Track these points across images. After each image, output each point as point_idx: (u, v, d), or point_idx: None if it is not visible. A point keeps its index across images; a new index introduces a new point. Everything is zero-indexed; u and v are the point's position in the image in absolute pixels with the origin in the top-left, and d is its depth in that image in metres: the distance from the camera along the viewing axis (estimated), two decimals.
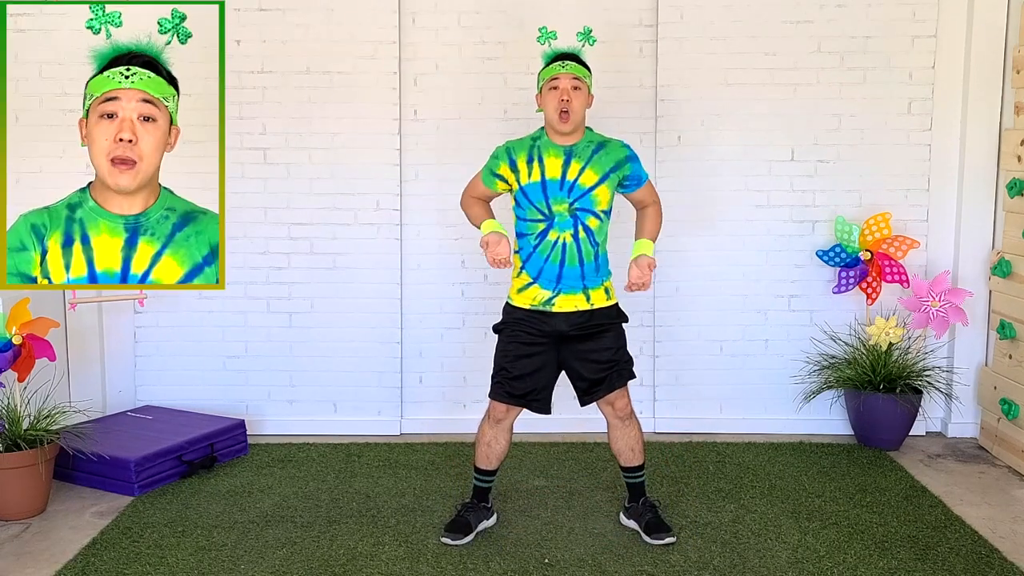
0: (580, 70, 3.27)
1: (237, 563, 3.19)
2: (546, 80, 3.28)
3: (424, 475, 4.04)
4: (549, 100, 3.25)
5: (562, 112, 3.21)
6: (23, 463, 3.52)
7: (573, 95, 3.22)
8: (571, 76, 3.24)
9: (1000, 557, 3.23)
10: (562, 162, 3.25)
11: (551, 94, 3.25)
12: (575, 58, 3.30)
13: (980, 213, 4.48)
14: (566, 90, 3.22)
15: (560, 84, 3.23)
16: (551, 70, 3.27)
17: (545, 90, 3.28)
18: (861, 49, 4.48)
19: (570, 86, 3.23)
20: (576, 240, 3.26)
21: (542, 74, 3.32)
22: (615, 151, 3.32)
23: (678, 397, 4.65)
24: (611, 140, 3.37)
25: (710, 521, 3.53)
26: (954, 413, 4.57)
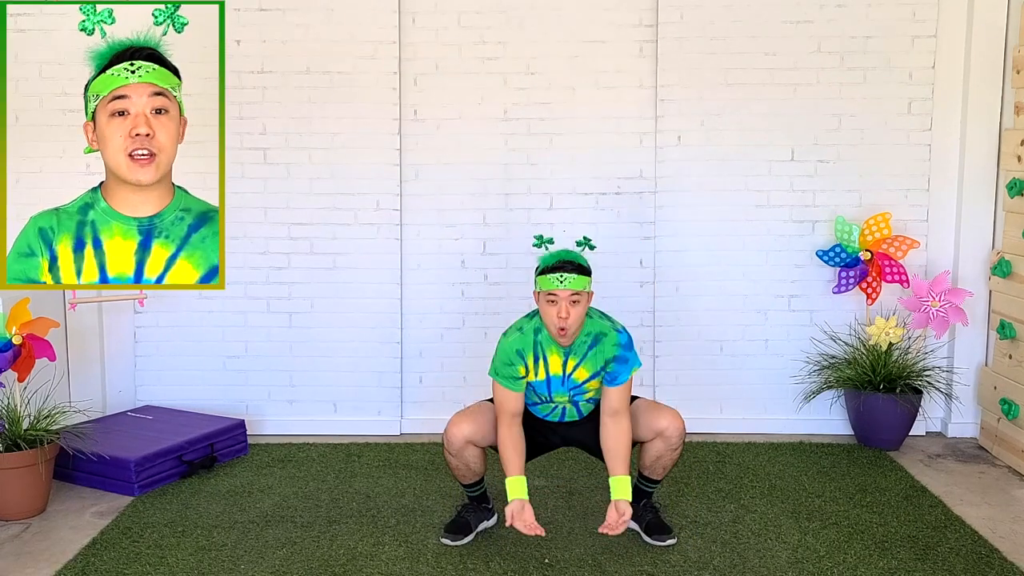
0: (580, 283, 3.08)
1: (237, 563, 3.19)
2: (543, 291, 3.11)
3: (424, 475, 4.04)
4: (547, 312, 3.10)
5: (560, 329, 3.09)
6: (23, 463, 3.52)
7: (571, 310, 3.07)
8: (570, 292, 3.06)
9: (1000, 557, 3.23)
10: (562, 361, 3.20)
11: (548, 307, 3.09)
12: (575, 266, 3.09)
13: (980, 213, 4.48)
14: (564, 307, 3.07)
15: (558, 300, 3.08)
16: (548, 283, 3.08)
17: (542, 298, 3.12)
18: (861, 49, 4.48)
19: (569, 302, 3.07)
20: (575, 405, 3.31)
21: (539, 281, 3.13)
22: (607, 349, 3.18)
23: (678, 397, 4.63)
24: (608, 334, 3.19)
25: (710, 521, 3.53)
26: (954, 413, 4.57)
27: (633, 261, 4.60)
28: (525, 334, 3.20)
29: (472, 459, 3.29)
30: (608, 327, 3.21)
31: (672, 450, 3.29)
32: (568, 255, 3.14)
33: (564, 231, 4.44)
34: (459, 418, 3.27)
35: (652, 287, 4.62)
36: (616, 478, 3.15)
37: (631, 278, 4.59)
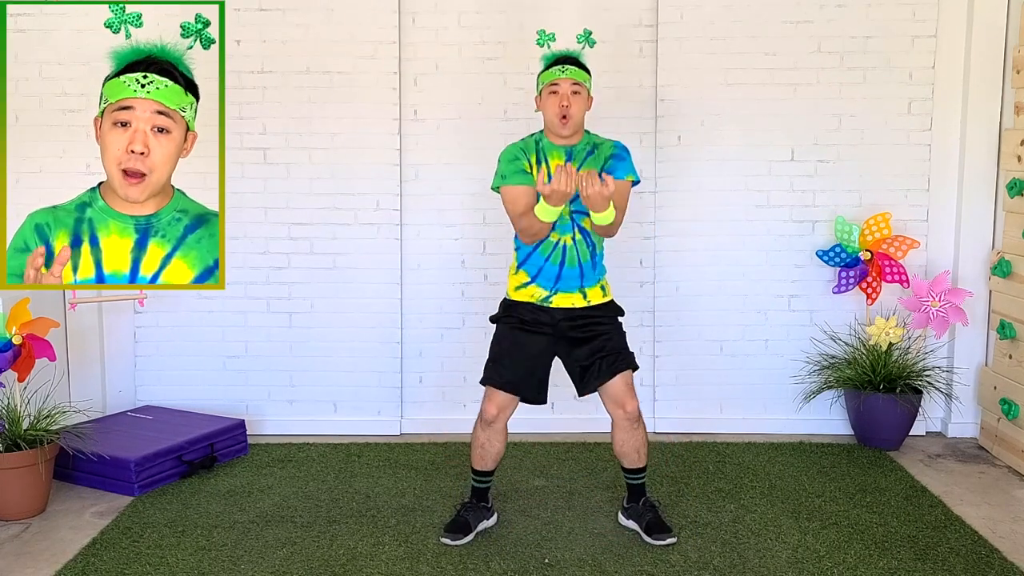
0: (580, 74, 3.26)
1: (237, 563, 3.19)
2: (545, 84, 3.27)
3: (424, 475, 4.04)
4: (549, 104, 3.25)
5: (562, 117, 3.21)
6: (23, 463, 3.52)
7: (573, 99, 3.22)
8: (571, 81, 3.23)
9: (1000, 557, 3.23)
10: (563, 163, 3.24)
11: (551, 98, 3.24)
12: (575, 61, 3.29)
13: (980, 213, 4.48)
14: (566, 95, 3.21)
15: (560, 89, 3.23)
16: (550, 74, 3.26)
17: (545, 94, 3.27)
18: (861, 49, 4.48)
19: (570, 91, 3.22)
20: (575, 242, 3.28)
21: (541, 77, 3.30)
22: (605, 149, 3.33)
23: (678, 397, 4.65)
24: (606, 141, 3.36)
25: (710, 521, 3.53)
26: (954, 413, 4.57)
27: (633, 261, 4.60)
28: (526, 140, 3.36)
29: (498, 440, 3.39)
30: (605, 139, 3.37)
31: (632, 431, 3.35)
32: (569, 53, 3.32)
33: None
34: (490, 400, 3.36)
35: (652, 287, 4.62)
36: None
37: (631, 278, 4.59)
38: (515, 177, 3.25)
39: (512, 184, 3.25)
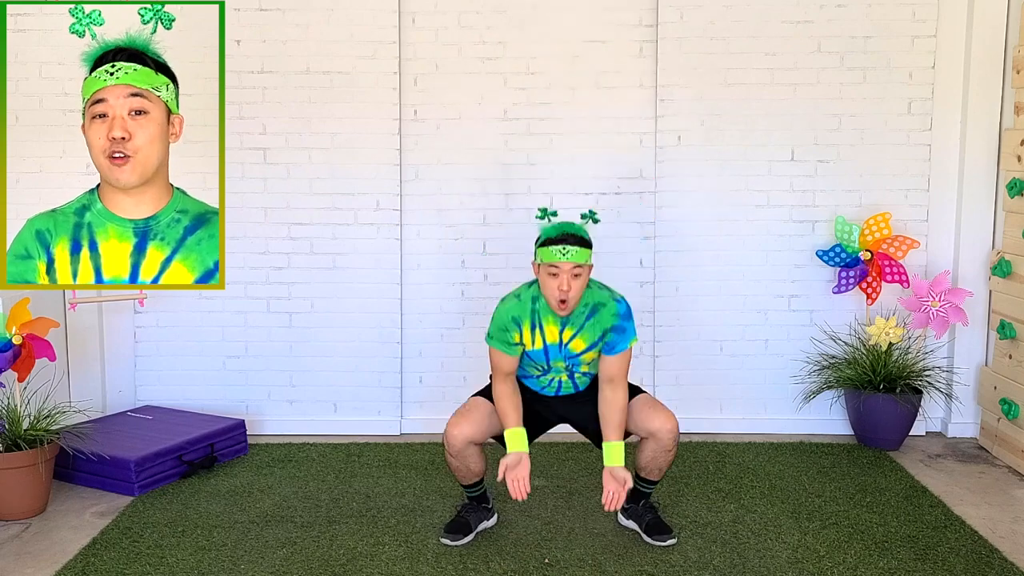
0: (582, 255, 3.05)
1: (237, 563, 3.18)
2: (545, 263, 3.08)
3: (424, 475, 4.04)
4: (547, 284, 3.09)
5: (560, 301, 3.08)
6: (23, 463, 3.52)
7: (573, 283, 3.05)
8: (572, 265, 3.04)
9: (1000, 557, 3.23)
10: (559, 329, 3.19)
11: (549, 280, 3.08)
12: (577, 240, 3.07)
13: (980, 213, 4.48)
14: (566, 280, 3.05)
15: (560, 273, 3.06)
16: (550, 255, 3.05)
17: (543, 271, 3.10)
18: (861, 49, 4.48)
19: (570, 274, 3.05)
20: (572, 379, 3.32)
21: (540, 253, 3.10)
22: (605, 319, 3.18)
23: (678, 397, 4.63)
24: (607, 304, 3.19)
25: (710, 521, 3.53)
26: (954, 413, 4.57)
27: (633, 261, 4.60)
28: (523, 302, 3.21)
29: (472, 459, 3.29)
30: (607, 297, 3.21)
31: (666, 451, 3.27)
32: (571, 227, 3.12)
33: None
34: (457, 419, 3.26)
35: (652, 287, 4.62)
36: (609, 444, 3.18)
37: (631, 278, 4.58)
38: (502, 346, 3.20)
39: (498, 350, 3.21)
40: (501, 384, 3.24)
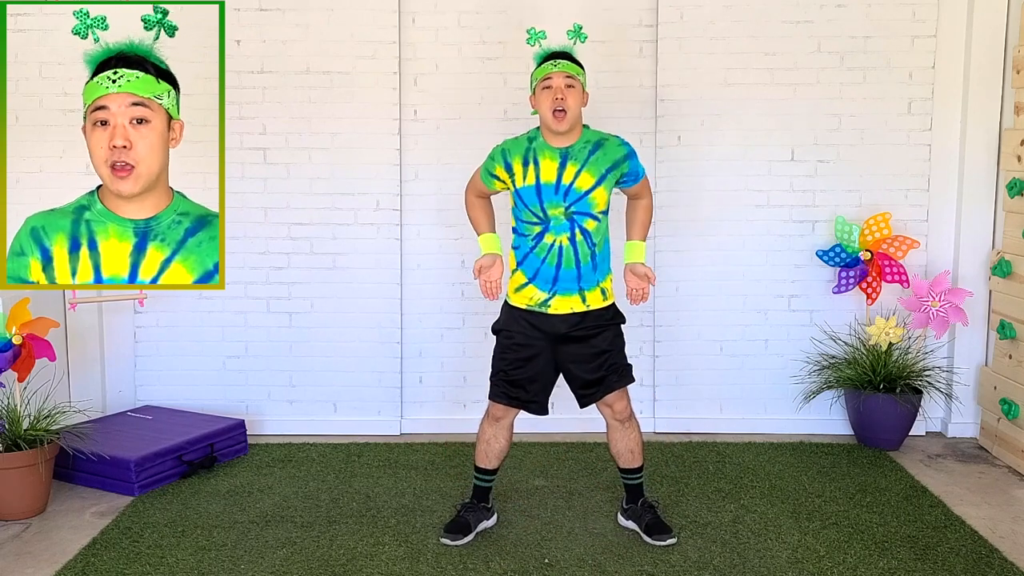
0: (573, 68, 3.21)
1: (237, 563, 3.19)
2: (539, 80, 3.21)
3: (424, 475, 4.04)
4: (543, 100, 3.19)
5: (556, 111, 3.15)
6: (23, 463, 3.52)
7: (567, 93, 3.15)
8: (564, 74, 3.17)
9: (1000, 557, 3.23)
10: (557, 165, 3.19)
11: (545, 94, 3.18)
12: (567, 56, 3.25)
13: (980, 213, 4.48)
14: (560, 88, 3.15)
15: (554, 83, 3.17)
16: (543, 69, 3.21)
17: (538, 90, 3.21)
18: (861, 49, 4.48)
19: (564, 84, 3.16)
20: (573, 243, 3.22)
21: (535, 74, 3.26)
22: (612, 150, 3.24)
23: (678, 397, 4.65)
24: (608, 138, 3.29)
25: (710, 521, 3.53)
26: (954, 413, 4.57)
27: None
28: (518, 138, 3.34)
29: (503, 437, 3.42)
30: (606, 135, 3.32)
31: (623, 430, 3.38)
32: (561, 48, 3.30)
33: None
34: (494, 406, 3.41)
35: (652, 287, 4.60)
36: (631, 242, 3.41)
37: None
38: (484, 175, 3.37)
39: (480, 177, 3.40)
40: (473, 196, 3.47)
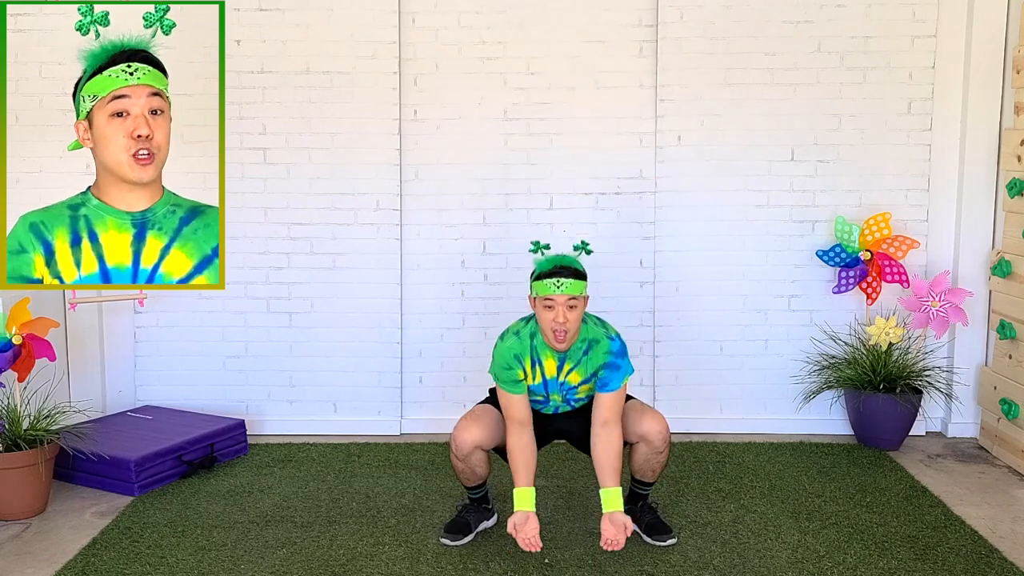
0: (576, 287, 3.07)
1: (237, 563, 3.19)
2: (540, 296, 3.09)
3: (424, 475, 4.04)
4: (543, 317, 3.09)
5: (556, 332, 3.08)
6: (23, 463, 3.52)
7: (569, 315, 3.06)
8: (567, 298, 3.06)
9: (1000, 557, 3.23)
10: (556, 365, 3.20)
11: (545, 312, 3.08)
12: (571, 272, 3.09)
13: (980, 213, 4.48)
14: (561, 312, 3.05)
15: (555, 305, 3.06)
16: (545, 288, 3.07)
17: (539, 304, 3.10)
18: (861, 49, 4.48)
19: (566, 306, 3.06)
20: (568, 404, 3.33)
21: (535, 287, 3.12)
22: (599, 356, 3.18)
23: (678, 397, 4.65)
24: (601, 341, 3.18)
25: (710, 521, 3.53)
26: (954, 413, 4.57)
27: (633, 261, 4.60)
28: (522, 339, 3.20)
29: (478, 463, 3.28)
30: (602, 334, 3.20)
31: (657, 453, 3.27)
32: (565, 260, 3.13)
33: (564, 231, 4.45)
34: (466, 423, 3.25)
35: (652, 287, 4.62)
36: (606, 490, 3.10)
37: (631, 278, 4.59)
38: (509, 386, 3.19)
39: (506, 392, 3.20)
40: (515, 437, 3.18)
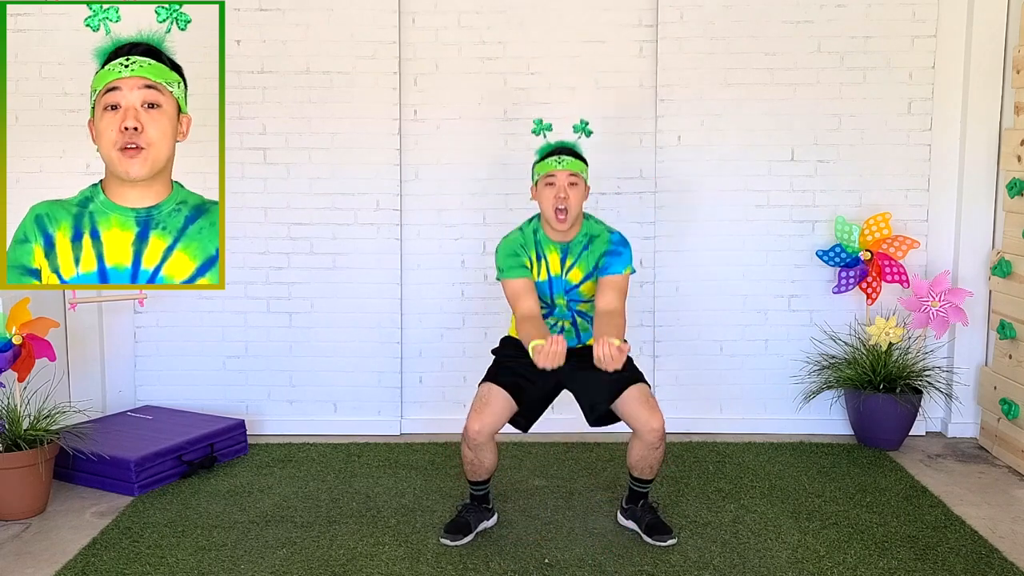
0: (577, 165, 3.19)
1: (237, 563, 3.19)
2: (542, 175, 3.18)
3: (424, 475, 4.04)
4: (545, 196, 3.16)
5: (559, 210, 3.13)
6: (23, 463, 3.52)
7: (571, 192, 3.14)
8: (568, 172, 3.15)
9: (1000, 557, 3.23)
10: (559, 259, 3.22)
11: (547, 190, 3.16)
12: (572, 152, 3.21)
13: (980, 213, 4.48)
14: (563, 187, 3.13)
15: (557, 181, 3.14)
16: (546, 165, 3.18)
17: (540, 185, 3.19)
18: (861, 49, 4.48)
19: (567, 183, 3.14)
20: (574, 325, 3.34)
21: (537, 167, 3.22)
22: (600, 246, 3.23)
23: (678, 397, 4.64)
24: (601, 234, 3.27)
25: (710, 521, 3.53)
26: (954, 413, 4.57)
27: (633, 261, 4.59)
28: (525, 233, 3.30)
29: (489, 454, 3.31)
30: (602, 229, 3.31)
31: (652, 449, 3.25)
32: (565, 143, 3.26)
33: None
34: (477, 414, 3.25)
35: (652, 287, 4.62)
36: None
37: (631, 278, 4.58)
38: (514, 271, 3.21)
39: (512, 278, 3.20)
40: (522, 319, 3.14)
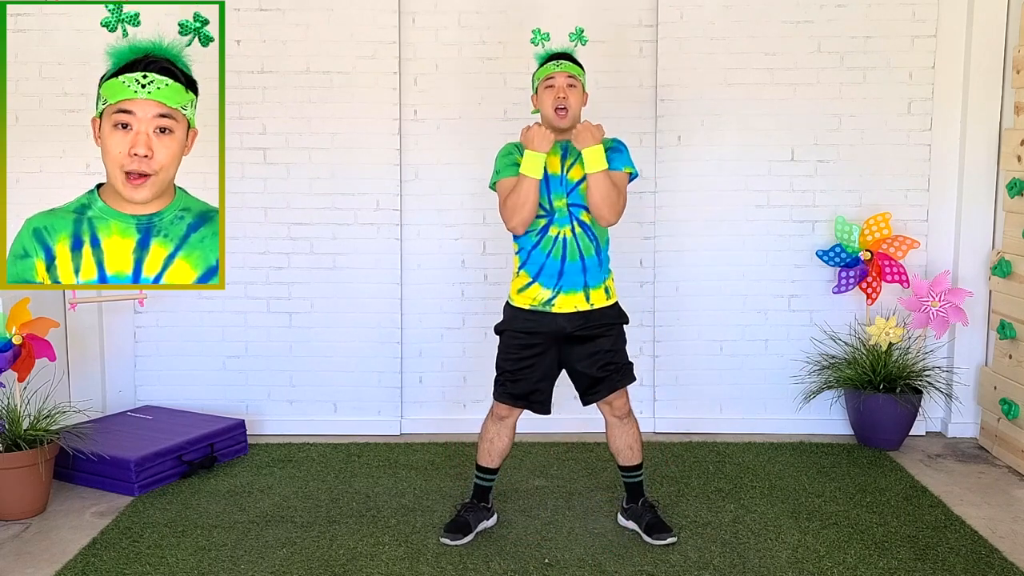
0: (575, 68, 3.31)
1: (237, 563, 3.19)
2: (541, 80, 3.30)
3: (424, 475, 4.04)
4: (545, 98, 3.28)
5: (559, 108, 3.24)
6: (23, 463, 3.52)
7: (569, 92, 3.26)
8: (567, 75, 3.27)
9: (1000, 557, 3.23)
10: (560, 157, 3.28)
11: (547, 92, 3.28)
12: (569, 57, 3.33)
13: (980, 213, 4.48)
14: (562, 87, 3.25)
15: (556, 82, 3.27)
16: (546, 69, 3.30)
17: (541, 89, 3.31)
18: (861, 49, 4.48)
19: (565, 84, 3.26)
20: (575, 235, 3.26)
21: (537, 74, 3.34)
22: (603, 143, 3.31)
23: (678, 397, 4.65)
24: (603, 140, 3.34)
25: (710, 521, 3.53)
26: (954, 413, 4.57)
27: (633, 261, 4.60)
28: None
29: (507, 432, 3.41)
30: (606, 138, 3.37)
31: (622, 423, 3.39)
32: (563, 50, 3.36)
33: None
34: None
35: (652, 287, 4.62)
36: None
37: (631, 278, 4.59)
38: (508, 170, 3.28)
39: (506, 177, 3.28)
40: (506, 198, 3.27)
